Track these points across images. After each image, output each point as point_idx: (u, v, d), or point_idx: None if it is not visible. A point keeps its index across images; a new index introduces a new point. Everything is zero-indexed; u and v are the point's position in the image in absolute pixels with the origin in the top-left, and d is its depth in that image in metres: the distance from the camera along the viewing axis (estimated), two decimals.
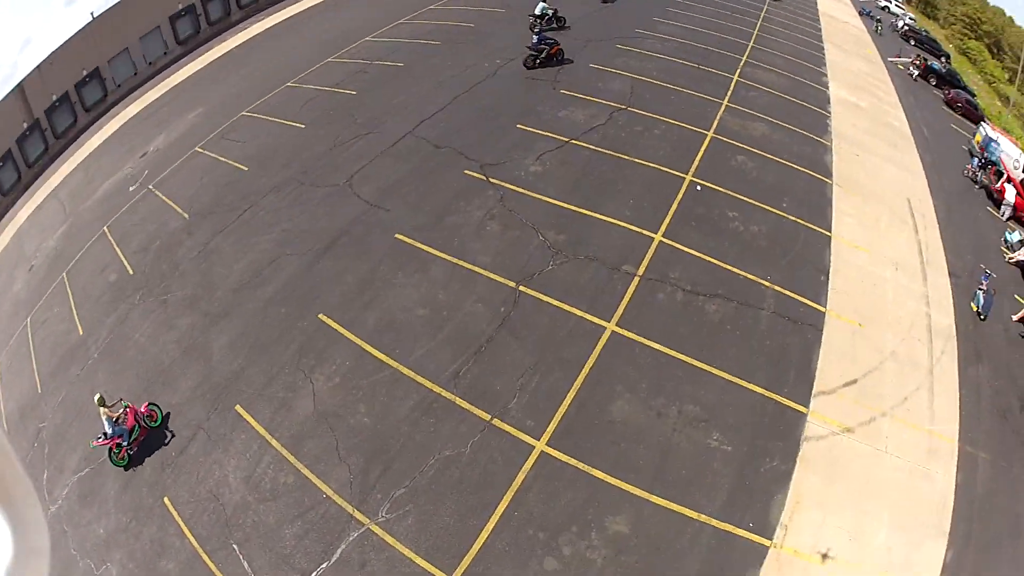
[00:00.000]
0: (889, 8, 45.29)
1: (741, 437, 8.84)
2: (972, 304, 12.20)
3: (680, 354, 9.80)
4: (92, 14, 32.42)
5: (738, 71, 19.92)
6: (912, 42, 35.30)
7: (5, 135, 28.47)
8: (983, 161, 19.09)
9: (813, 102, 19.25)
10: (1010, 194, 17.06)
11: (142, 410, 11.15)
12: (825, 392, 9.50)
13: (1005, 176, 17.76)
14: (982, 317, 11.96)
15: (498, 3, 27.08)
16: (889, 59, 27.92)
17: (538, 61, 19.52)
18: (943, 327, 11.37)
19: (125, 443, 11.05)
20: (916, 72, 27.25)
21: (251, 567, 8.25)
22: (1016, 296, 13.30)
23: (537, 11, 22.64)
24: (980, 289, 12.23)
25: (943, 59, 34.33)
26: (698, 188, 13.28)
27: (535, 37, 19.60)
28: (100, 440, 10.84)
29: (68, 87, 31.60)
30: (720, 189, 13.48)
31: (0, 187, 27.89)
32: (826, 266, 12.05)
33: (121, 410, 11.10)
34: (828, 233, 12.91)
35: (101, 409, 10.90)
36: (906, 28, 37.39)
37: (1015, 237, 14.92)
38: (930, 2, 59.04)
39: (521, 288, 11.17)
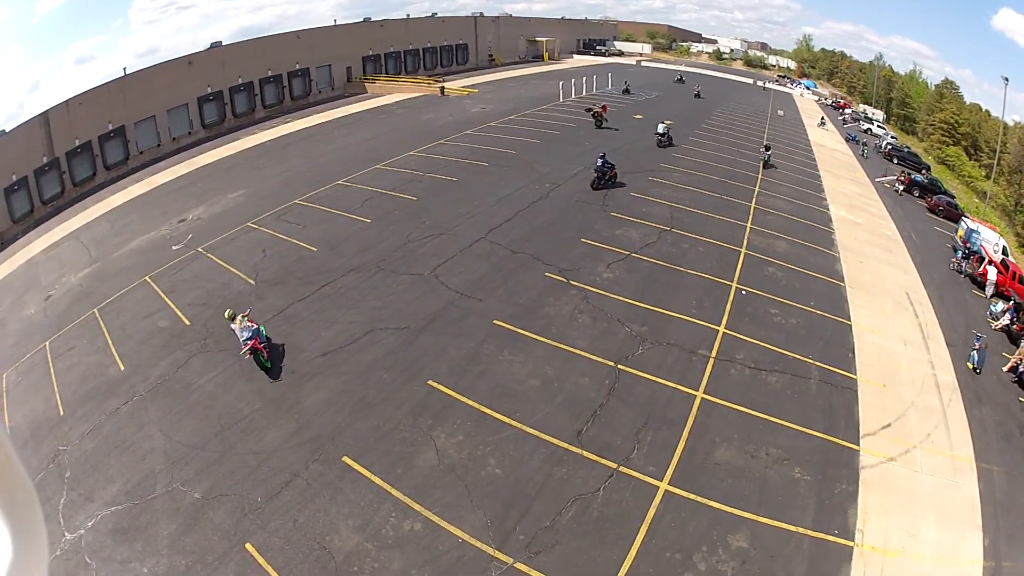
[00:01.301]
0: (872, 130, 53.41)
1: (816, 469, 11.60)
2: (968, 363, 16.32)
3: (757, 412, 12.85)
4: (124, 69, 34.91)
5: (754, 199, 25.49)
6: (895, 160, 41.97)
7: (24, 161, 29.44)
8: (966, 252, 23.94)
9: (819, 222, 24.69)
10: (992, 274, 21.62)
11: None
12: (870, 434, 12.95)
13: (987, 260, 22.46)
14: (978, 372, 16.08)
15: (532, 135, 32.03)
16: (876, 180, 34.40)
17: (601, 182, 23.51)
18: (947, 382, 15.41)
19: (263, 341, 12.89)
20: (901, 187, 33.42)
21: None
22: (1004, 353, 17.45)
23: (660, 129, 28.88)
24: (974, 349, 16.33)
25: (924, 171, 40.71)
26: (743, 293, 17.62)
27: (599, 160, 23.67)
28: (246, 346, 12.66)
29: (92, 136, 32.25)
30: (760, 293, 17.61)
31: (12, 213, 28.90)
32: (851, 345, 15.92)
33: (247, 312, 13.60)
34: (848, 322, 17.13)
35: (234, 323, 12.94)
36: (889, 147, 44.12)
37: (999, 308, 19.47)
38: (909, 117, 68.33)
39: (620, 366, 13.63)
